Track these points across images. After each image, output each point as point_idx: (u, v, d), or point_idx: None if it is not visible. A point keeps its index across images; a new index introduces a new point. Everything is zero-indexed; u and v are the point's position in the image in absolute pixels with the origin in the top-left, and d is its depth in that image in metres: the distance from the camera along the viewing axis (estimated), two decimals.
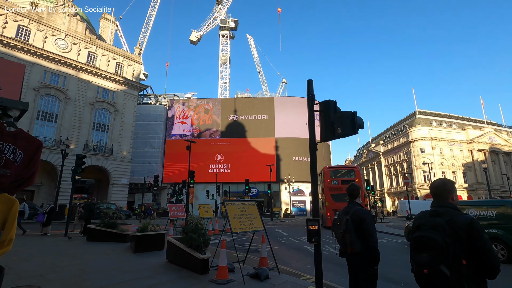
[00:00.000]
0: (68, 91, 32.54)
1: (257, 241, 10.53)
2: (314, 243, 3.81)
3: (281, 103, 51.15)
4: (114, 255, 7.69)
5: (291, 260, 7.81)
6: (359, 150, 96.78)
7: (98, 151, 33.90)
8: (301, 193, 48.69)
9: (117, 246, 9.21)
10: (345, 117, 3.80)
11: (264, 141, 48.87)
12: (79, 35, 34.67)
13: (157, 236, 8.46)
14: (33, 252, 8.09)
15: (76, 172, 12.19)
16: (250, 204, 6.39)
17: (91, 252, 8.14)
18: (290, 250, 9.67)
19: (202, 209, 14.27)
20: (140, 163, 44.50)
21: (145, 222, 8.69)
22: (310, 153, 4.19)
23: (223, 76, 63.00)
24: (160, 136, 47.83)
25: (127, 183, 36.14)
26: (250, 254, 8.32)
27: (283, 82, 76.98)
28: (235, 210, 5.86)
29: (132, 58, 39.84)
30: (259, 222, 6.15)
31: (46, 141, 30.23)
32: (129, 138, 37.37)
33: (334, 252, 9.30)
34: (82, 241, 10.51)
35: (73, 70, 33.33)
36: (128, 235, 9.99)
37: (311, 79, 4.49)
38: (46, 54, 31.06)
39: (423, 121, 60.03)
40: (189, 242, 6.03)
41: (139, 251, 8.02)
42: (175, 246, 6.48)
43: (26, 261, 6.93)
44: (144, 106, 50.28)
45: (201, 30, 64.29)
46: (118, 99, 36.90)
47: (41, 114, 30.51)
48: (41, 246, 9.40)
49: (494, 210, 9.13)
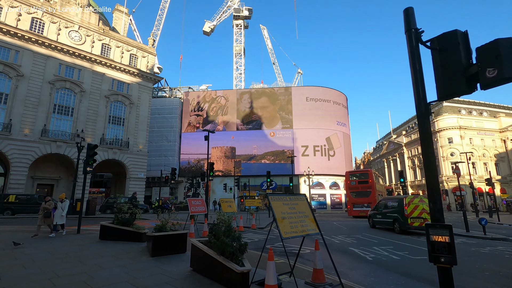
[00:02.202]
0: (83, 84, 32.01)
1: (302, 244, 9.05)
2: (442, 265, 2.26)
3: (299, 93, 49.08)
4: (128, 260, 6.42)
5: (344, 268, 6.29)
6: (379, 142, 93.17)
7: (114, 144, 33.38)
8: (321, 186, 46.81)
9: (131, 247, 7.99)
10: (504, 46, 2.15)
11: (282, 133, 47.15)
12: (92, 27, 33.95)
13: (177, 236, 7.14)
14: (36, 255, 6.97)
15: (88, 163, 11.11)
16: (299, 199, 4.89)
17: (101, 255, 6.93)
18: (335, 254, 8.15)
19: (224, 204, 12.95)
20: (156, 157, 44.02)
21: (164, 219, 7.39)
22: (418, 120, 2.61)
23: (238, 67, 61.40)
24: (176, 129, 47.09)
25: (144, 176, 35.57)
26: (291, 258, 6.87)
27: (299, 72, 74.64)
28: (282, 207, 4.39)
29: (146, 49, 38.91)
30: (313, 223, 4.66)
31: (63, 135, 29.90)
32: (145, 131, 36.69)
33: (391, 256, 7.70)
34: (94, 239, 9.40)
35: (88, 63, 32.73)
36: (144, 234, 8.77)
37: (410, 7, 2.88)
38: (61, 47, 30.51)
39: (451, 109, 56.30)
40: (220, 248, 4.62)
41: (157, 255, 6.73)
42: (202, 252, 5.10)
43: (23, 267, 5.77)
44: (159, 99, 49.60)
45: (214, 20, 62.76)
46: (133, 92, 36.16)
47: (57, 108, 30.12)
48: (49, 246, 8.32)
49: (396, 203, 14.44)
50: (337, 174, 46.79)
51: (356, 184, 27.36)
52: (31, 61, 28.82)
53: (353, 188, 27.31)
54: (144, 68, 37.87)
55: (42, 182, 30.19)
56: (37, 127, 28.26)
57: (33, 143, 27.64)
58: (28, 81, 28.32)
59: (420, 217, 13.24)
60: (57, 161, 30.84)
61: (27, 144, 27.29)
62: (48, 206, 10.58)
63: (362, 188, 26.05)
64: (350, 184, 28.14)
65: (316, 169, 43.90)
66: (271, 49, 71.13)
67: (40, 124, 28.52)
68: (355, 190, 26.91)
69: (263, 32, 71.15)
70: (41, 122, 28.58)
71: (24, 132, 27.37)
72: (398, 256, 7.61)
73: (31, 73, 28.62)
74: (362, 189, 26.09)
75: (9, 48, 27.75)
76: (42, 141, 28.19)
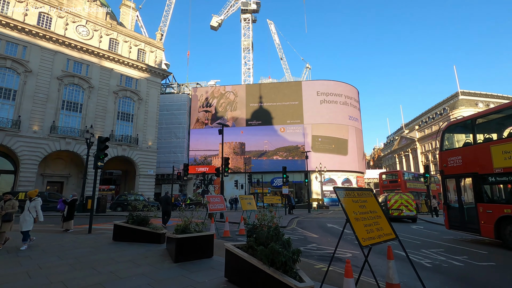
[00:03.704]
0: (91, 79, 31.41)
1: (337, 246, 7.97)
2: None
3: (310, 87, 47.77)
4: (148, 267, 5.53)
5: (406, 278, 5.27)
6: (390, 137, 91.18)
7: (123, 141, 32.79)
8: (333, 182, 45.56)
9: (149, 250, 7.12)
10: None
11: (292, 128, 46.01)
12: (100, 21, 33.28)
13: (203, 239, 6.23)
14: (43, 260, 6.14)
15: (99, 158, 10.28)
16: (367, 195, 3.92)
17: (117, 261, 6.06)
18: (382, 258, 7.13)
19: (244, 201, 12.02)
20: (165, 154, 43.42)
21: (186, 218, 6.48)
22: None
23: (246, 62, 60.27)
24: (184, 125, 46.37)
25: (154, 173, 34.97)
26: (334, 265, 5.89)
27: (307, 67, 73.06)
28: (352, 205, 3.44)
29: (154, 44, 38.13)
30: (387, 226, 3.68)
31: (72, 131, 29.39)
32: (154, 128, 36.03)
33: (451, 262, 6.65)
34: (107, 240, 8.57)
35: (96, 58, 32.10)
36: (163, 235, 7.90)
37: None
38: (68, 42, 29.90)
39: (467, 102, 54.28)
40: (269, 257, 3.66)
41: (182, 260, 5.83)
42: (241, 260, 4.17)
43: (27, 276, 4.94)
44: (167, 95, 48.93)
45: (222, 14, 61.66)
46: (141, 87, 35.48)
47: (66, 104, 29.60)
48: (58, 248, 7.51)
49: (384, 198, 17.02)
50: (349, 170, 45.54)
51: (388, 183, 31.16)
52: (39, 57, 28.29)
53: (385, 187, 31.05)
54: (152, 63, 37.14)
55: (52, 180, 29.80)
56: (46, 123, 27.78)
57: (42, 140, 27.18)
58: (36, 77, 27.81)
59: (398, 208, 17.31)
60: (67, 158, 30.39)
61: (36, 141, 26.84)
62: (8, 206, 7.38)
63: (393, 187, 28.83)
64: (383, 183, 32.11)
65: (328, 165, 42.74)
66: (278, 44, 69.68)
67: (49, 120, 28.04)
68: (386, 189, 30.17)
69: (270, 27, 69.72)
70: (50, 119, 28.10)
71: (33, 128, 26.91)
72: (459, 261, 6.55)
73: (39, 69, 28.10)
74: (392, 187, 28.82)
75: (17, 44, 27.25)
76: (51, 137, 27.72)
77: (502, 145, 8.76)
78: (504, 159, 8.63)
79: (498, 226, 8.79)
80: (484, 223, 9.22)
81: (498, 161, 8.83)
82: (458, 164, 10.36)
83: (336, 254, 7.21)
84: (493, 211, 8.99)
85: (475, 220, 9.56)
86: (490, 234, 8.97)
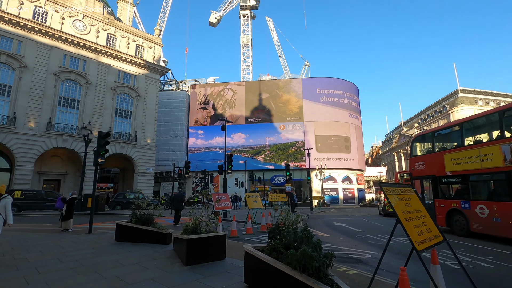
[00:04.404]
0: (88, 75, 30.75)
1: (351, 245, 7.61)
2: None
3: (310, 84, 47.34)
4: (157, 271, 5.09)
5: None
6: (388, 135, 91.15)
7: (122, 138, 32.21)
8: (333, 180, 45.33)
9: (156, 251, 6.68)
10: None
11: (292, 126, 45.61)
12: (97, 16, 32.55)
13: (216, 239, 5.79)
14: (42, 263, 5.68)
15: (99, 154, 9.80)
16: (409, 192, 3.50)
17: (122, 263, 5.61)
18: (402, 260, 6.74)
19: (250, 199, 11.61)
20: (164, 152, 42.85)
21: (196, 217, 6.05)
22: None
23: (245, 59, 59.68)
24: (183, 123, 45.77)
25: (153, 171, 34.44)
26: (348, 264, 5.49)
27: (306, 65, 72.59)
28: (399, 203, 3.03)
29: (153, 39, 37.47)
30: (434, 227, 3.28)
31: (69, 128, 28.76)
32: (153, 125, 35.45)
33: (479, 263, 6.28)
34: (109, 241, 8.11)
35: (93, 53, 31.41)
36: (169, 235, 7.46)
37: None
38: (65, 37, 29.20)
39: (467, 100, 54.18)
40: (300, 261, 3.24)
41: (193, 263, 5.40)
42: (264, 264, 3.74)
43: (25, 282, 4.48)
44: (166, 92, 48.25)
45: (220, 11, 60.96)
46: (139, 84, 34.85)
47: (62, 101, 28.94)
48: (56, 250, 7.05)
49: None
50: (349, 168, 45.28)
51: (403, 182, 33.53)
52: (35, 52, 27.58)
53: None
54: (150, 59, 36.50)
55: (49, 178, 29.19)
56: (42, 120, 27.13)
57: (38, 137, 26.54)
58: (32, 72, 27.12)
59: None
60: (64, 155, 29.77)
61: (32, 138, 26.20)
62: None
63: None
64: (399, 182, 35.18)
65: (328, 162, 42.44)
66: (277, 41, 69.08)
67: (45, 117, 27.39)
68: None
69: (268, 24, 69.05)
70: (46, 115, 27.45)
71: (28, 125, 26.26)
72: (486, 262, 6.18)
73: (35, 64, 27.40)
74: None
75: (12, 38, 26.53)
76: (47, 135, 27.08)
77: (451, 154, 11.25)
78: (452, 165, 11.02)
79: (448, 217, 11.18)
80: (439, 215, 11.56)
81: (448, 166, 11.19)
82: (422, 168, 12.69)
83: (352, 254, 6.82)
84: (445, 205, 11.40)
85: (433, 213, 11.65)
86: (442, 223, 11.34)
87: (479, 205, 9.94)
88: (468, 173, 10.41)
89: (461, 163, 10.64)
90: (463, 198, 10.67)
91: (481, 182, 10.43)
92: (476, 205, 10.02)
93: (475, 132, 11.22)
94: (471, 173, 10.28)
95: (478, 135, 11.14)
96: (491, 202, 9.62)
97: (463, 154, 10.58)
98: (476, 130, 11.24)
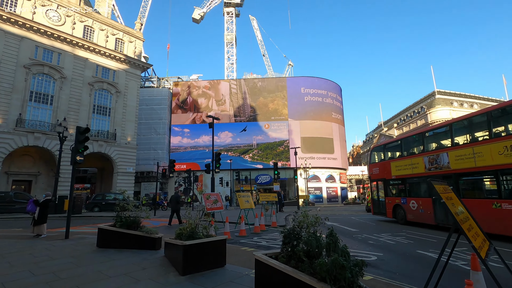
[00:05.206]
0: (63, 69, 28.85)
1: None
2: None
3: (294, 83, 47.37)
4: (151, 283, 4.44)
5: None
6: (369, 135, 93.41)
7: (100, 136, 30.53)
8: (317, 179, 45.65)
9: (145, 259, 5.99)
10: None
11: (277, 125, 45.44)
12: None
13: (216, 245, 5.21)
14: (10, 277, 4.85)
15: (77, 151, 8.88)
16: (448, 190, 3.11)
17: (107, 275, 4.90)
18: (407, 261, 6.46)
19: (241, 199, 11.05)
20: (145, 150, 41.23)
21: (192, 221, 5.44)
22: None
23: (229, 57, 58.84)
24: (165, 121, 44.31)
25: (133, 171, 32.96)
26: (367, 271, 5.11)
27: (290, 64, 72.80)
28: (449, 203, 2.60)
29: (133, 33, 35.87)
30: (479, 230, 2.90)
31: (42, 125, 26.85)
32: (133, 122, 33.92)
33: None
34: (90, 248, 7.29)
35: (68, 46, 29.52)
36: (158, 240, 6.77)
37: None
38: (37, 27, 27.20)
39: (444, 101, 56.38)
40: (331, 272, 2.78)
41: (191, 271, 4.79)
42: (283, 275, 3.24)
43: None
44: (147, 89, 46.53)
45: (204, 7, 59.69)
46: (119, 79, 33.21)
47: (34, 95, 26.95)
48: (28, 260, 6.17)
49: None
50: (333, 166, 45.77)
51: None
52: (3, 42, 25.48)
53: None
54: (131, 54, 34.92)
55: (18, 178, 27.09)
56: (11, 116, 25.11)
57: (6, 134, 24.52)
58: (0, 64, 25.03)
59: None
60: (36, 154, 27.76)
61: (0, 135, 24.17)
62: None
63: None
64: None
65: (312, 162, 42.63)
66: (261, 40, 68.69)
67: (15, 113, 25.38)
68: None
69: (252, 23, 68.52)
70: (15, 111, 25.44)
71: None
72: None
73: (3, 56, 25.32)
74: None
75: None
76: (17, 132, 25.10)
77: (395, 162, 14.59)
78: (396, 170, 14.26)
79: (394, 210, 14.35)
80: (388, 209, 14.81)
81: (393, 171, 14.44)
82: (377, 173, 15.92)
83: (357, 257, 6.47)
84: (391, 202, 14.60)
85: (384, 208, 15.19)
86: (390, 215, 14.57)
87: (411, 200, 12.99)
88: (405, 177, 13.53)
89: (401, 169, 13.71)
90: (402, 195, 13.74)
91: (413, 183, 13.33)
92: (410, 200, 13.08)
93: (409, 146, 14.30)
94: (407, 177, 13.39)
95: (412, 149, 14.08)
96: (418, 198, 12.64)
97: (402, 162, 13.77)
98: (410, 145, 14.37)
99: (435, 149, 12.22)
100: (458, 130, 11.52)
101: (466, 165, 10.17)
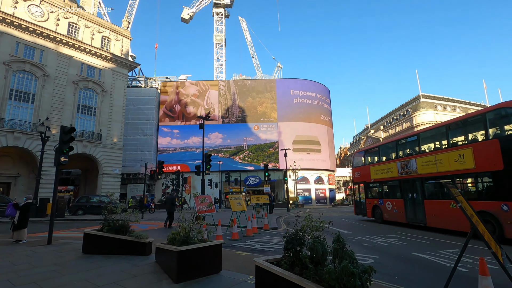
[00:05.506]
0: (46, 67, 27.79)
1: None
2: None
3: (284, 85, 47.55)
4: None
5: None
6: (356, 137, 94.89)
7: (84, 136, 29.55)
8: (306, 181, 45.92)
9: (135, 265, 5.70)
10: None
11: (266, 126, 45.45)
12: (57, 2, 29.60)
13: (212, 250, 4.99)
14: None
15: (62, 152, 8.43)
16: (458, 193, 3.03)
17: (95, 284, 4.58)
18: (406, 264, 6.43)
19: (233, 201, 10.82)
20: (131, 152, 40.27)
21: (185, 225, 5.20)
22: None
23: (219, 57, 58.46)
24: (153, 121, 43.48)
25: (119, 172, 32.07)
26: None
27: (279, 66, 73.08)
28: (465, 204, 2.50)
29: (120, 32, 35.03)
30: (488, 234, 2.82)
31: (22, 125, 25.74)
32: (120, 123, 33.05)
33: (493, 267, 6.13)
34: (76, 254, 6.89)
35: (52, 43, 28.47)
36: (149, 245, 6.48)
37: None
38: (18, 22, 26.09)
39: (428, 105, 57.98)
40: (338, 281, 2.64)
41: (185, 279, 4.56)
42: (286, 283, 3.08)
43: None
44: (134, 89, 45.53)
45: (193, 7, 59.12)
46: (105, 78, 32.30)
47: (14, 93, 25.81)
48: (7, 268, 5.75)
49: None
50: (321, 168, 46.13)
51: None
52: None
53: None
54: (118, 52, 34.07)
55: None
56: None
57: None
58: None
59: None
60: (15, 155, 26.56)
61: None
62: None
63: None
64: None
65: (301, 163, 42.82)
66: (250, 42, 68.65)
67: None
68: None
69: (241, 24, 68.38)
70: None
71: None
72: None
73: None
74: None
75: None
76: None
77: (374, 166, 15.83)
78: (374, 174, 15.48)
79: (372, 210, 15.63)
80: (368, 210, 16.08)
81: (372, 175, 15.65)
82: (359, 176, 17.23)
83: None
84: (371, 203, 15.87)
85: (365, 208, 16.41)
86: (370, 215, 15.87)
87: (387, 201, 14.29)
88: (382, 180, 14.82)
89: (378, 173, 14.96)
90: (380, 197, 15.03)
91: (388, 186, 14.52)
92: (386, 201, 14.40)
93: (386, 152, 15.49)
94: (383, 180, 14.66)
95: (388, 155, 15.23)
96: (392, 199, 13.93)
97: (380, 167, 15.02)
98: (386, 151, 15.56)
99: (406, 156, 13.49)
100: (424, 139, 12.86)
101: (430, 170, 11.53)
